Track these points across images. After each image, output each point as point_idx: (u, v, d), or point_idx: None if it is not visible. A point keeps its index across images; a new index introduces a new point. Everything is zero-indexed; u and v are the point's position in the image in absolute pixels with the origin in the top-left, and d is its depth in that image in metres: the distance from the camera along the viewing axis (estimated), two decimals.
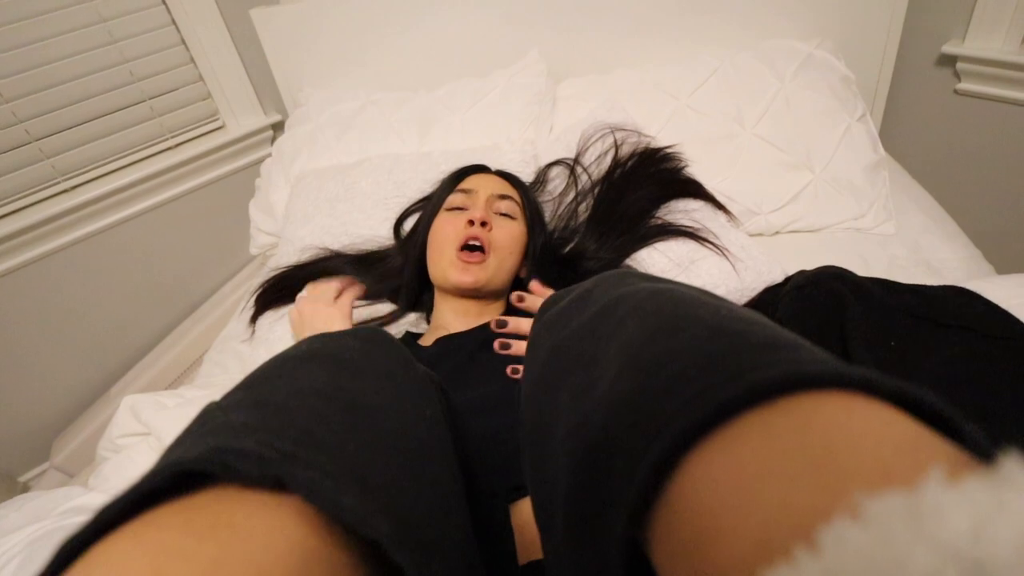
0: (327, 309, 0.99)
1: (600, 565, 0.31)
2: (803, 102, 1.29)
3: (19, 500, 0.99)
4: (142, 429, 1.06)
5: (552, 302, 0.54)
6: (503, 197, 1.09)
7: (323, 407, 0.37)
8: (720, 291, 1.08)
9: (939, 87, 1.51)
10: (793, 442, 0.24)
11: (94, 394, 1.66)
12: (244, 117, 1.71)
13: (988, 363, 0.85)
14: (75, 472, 1.56)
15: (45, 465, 1.63)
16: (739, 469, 0.24)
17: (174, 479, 0.28)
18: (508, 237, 1.05)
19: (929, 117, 1.57)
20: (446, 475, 0.41)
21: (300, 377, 0.41)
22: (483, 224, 1.02)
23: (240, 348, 1.29)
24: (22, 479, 1.63)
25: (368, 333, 0.52)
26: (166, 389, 1.61)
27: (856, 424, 0.24)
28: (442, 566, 0.32)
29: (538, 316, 0.55)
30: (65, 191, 1.54)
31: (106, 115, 1.56)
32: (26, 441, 1.61)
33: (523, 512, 0.72)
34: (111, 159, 1.59)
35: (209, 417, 0.36)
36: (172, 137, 1.65)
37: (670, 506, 0.27)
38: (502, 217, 1.07)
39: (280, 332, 1.18)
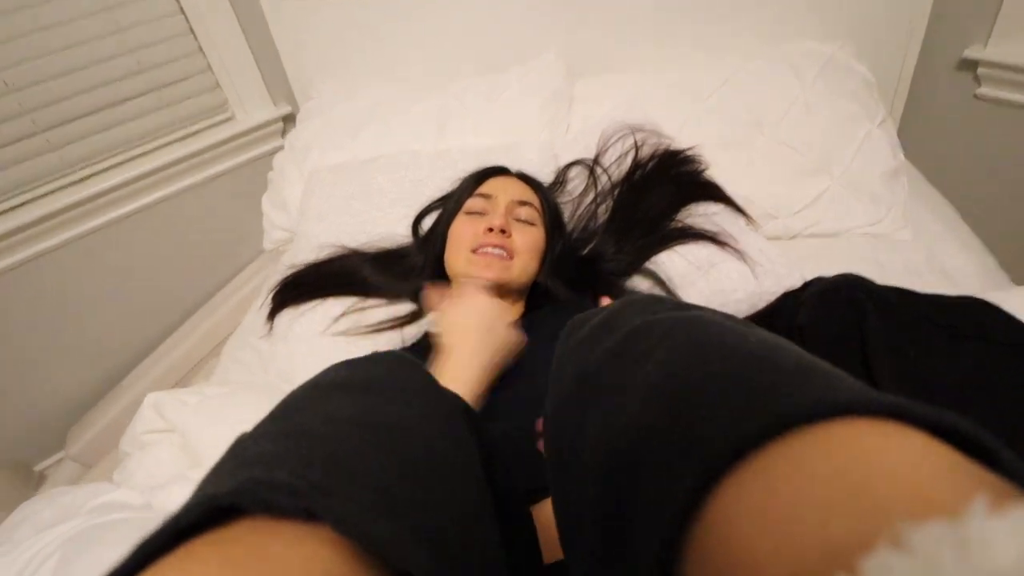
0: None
1: None
2: (824, 107, 1.29)
3: (49, 495, 0.99)
4: (165, 426, 1.07)
5: (576, 326, 0.54)
6: (523, 203, 1.09)
7: (352, 434, 0.37)
8: (738, 295, 1.09)
9: (959, 91, 1.51)
10: (828, 470, 0.24)
11: (108, 384, 1.66)
12: (253, 108, 1.68)
13: (1007, 374, 0.86)
14: (91, 462, 1.56)
15: (60, 454, 1.63)
16: (774, 497, 0.24)
17: (208, 513, 0.29)
18: (528, 243, 1.05)
19: (948, 121, 1.56)
20: (476, 495, 0.42)
21: (328, 405, 0.42)
22: (502, 231, 1.02)
23: (258, 344, 1.29)
24: (38, 468, 1.63)
25: (393, 358, 0.52)
26: (180, 380, 1.62)
27: (892, 452, 0.24)
28: None
29: (562, 340, 0.56)
30: (73, 183, 1.52)
31: (113, 105, 1.53)
32: (41, 430, 1.61)
33: (547, 512, 0.73)
34: (119, 151, 1.56)
35: (240, 448, 0.36)
36: (180, 128, 1.62)
37: (703, 533, 0.27)
38: (521, 223, 1.07)
39: (299, 331, 1.17)
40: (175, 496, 0.93)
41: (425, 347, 1.07)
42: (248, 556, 0.27)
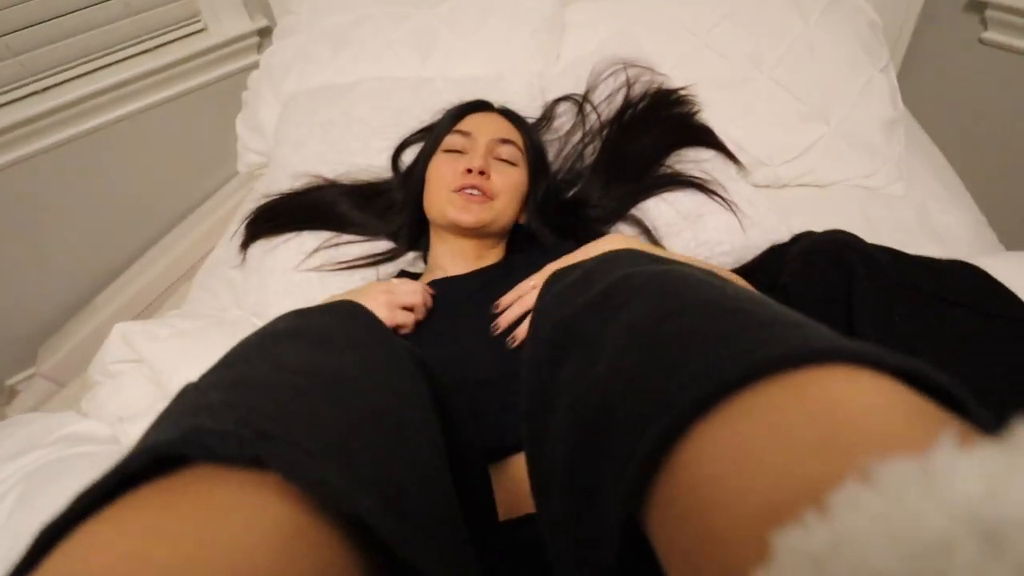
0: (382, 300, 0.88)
1: (596, 537, 0.31)
2: (826, 47, 1.23)
3: (12, 424, 0.99)
4: (134, 356, 1.05)
5: (557, 278, 0.54)
6: (504, 142, 1.04)
7: (302, 383, 0.37)
8: (725, 247, 1.07)
9: (964, 35, 1.45)
10: (800, 413, 0.24)
11: (80, 301, 1.63)
12: (228, 20, 1.58)
13: (994, 345, 0.86)
14: (63, 381, 1.55)
15: (32, 370, 1.61)
16: (744, 440, 0.25)
17: (153, 462, 0.28)
18: (508, 184, 1.01)
19: (950, 66, 1.51)
20: (428, 448, 0.42)
21: (278, 354, 0.41)
22: (481, 173, 0.98)
23: (230, 274, 1.27)
24: (9, 383, 1.63)
25: (346, 309, 0.52)
26: (152, 303, 1.59)
27: (863, 396, 0.24)
28: (427, 537, 0.33)
29: (543, 292, 0.55)
30: (35, 92, 1.44)
31: (78, 10, 1.43)
32: (12, 345, 1.59)
33: (514, 468, 0.74)
34: (84, 60, 1.47)
35: (187, 397, 0.36)
36: (150, 39, 1.52)
37: (671, 478, 0.27)
38: (502, 163, 1.03)
39: (271, 264, 1.15)
40: (143, 430, 0.92)
41: None
42: (193, 505, 0.26)
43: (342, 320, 0.49)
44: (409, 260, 1.15)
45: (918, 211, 1.16)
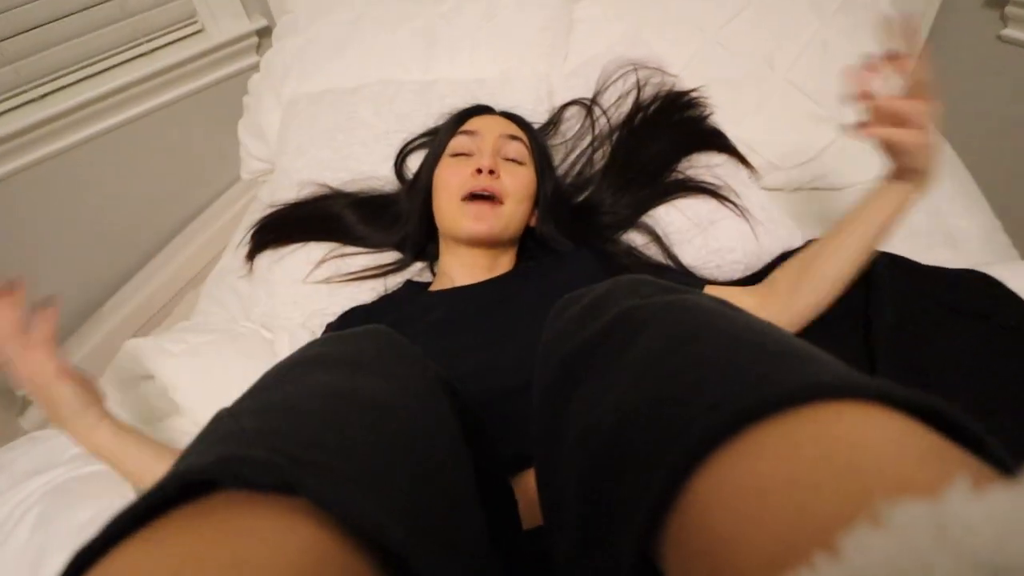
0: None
1: (610, 570, 0.32)
2: (841, 45, 1.20)
3: (26, 442, 0.99)
4: (144, 372, 1.05)
5: (563, 308, 0.54)
6: (512, 138, 1.03)
7: (335, 409, 0.38)
8: (736, 255, 1.06)
9: (982, 32, 1.41)
10: (813, 451, 0.24)
11: (85, 312, 1.62)
12: (225, 21, 1.55)
13: (1001, 353, 0.86)
14: None
15: None
16: (758, 477, 0.25)
17: (185, 488, 0.29)
18: (518, 185, 0.99)
19: (968, 63, 1.47)
20: (458, 473, 0.42)
21: (311, 380, 0.42)
22: (491, 172, 0.96)
23: (237, 284, 1.26)
24: (21, 392, 1.62)
25: (378, 332, 0.53)
26: (160, 310, 1.59)
27: (877, 435, 0.24)
28: (456, 565, 0.33)
29: (549, 322, 0.55)
30: (32, 100, 1.41)
31: (73, 13, 1.40)
32: None
33: (532, 480, 0.74)
34: (80, 65, 1.45)
35: (220, 424, 0.36)
36: (147, 41, 1.49)
37: (685, 513, 0.27)
38: (510, 163, 1.01)
39: (279, 275, 1.14)
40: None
41: (406, 296, 1.05)
42: (224, 529, 0.27)
43: (375, 344, 0.50)
44: (416, 271, 1.14)
45: (933, 215, 1.13)
